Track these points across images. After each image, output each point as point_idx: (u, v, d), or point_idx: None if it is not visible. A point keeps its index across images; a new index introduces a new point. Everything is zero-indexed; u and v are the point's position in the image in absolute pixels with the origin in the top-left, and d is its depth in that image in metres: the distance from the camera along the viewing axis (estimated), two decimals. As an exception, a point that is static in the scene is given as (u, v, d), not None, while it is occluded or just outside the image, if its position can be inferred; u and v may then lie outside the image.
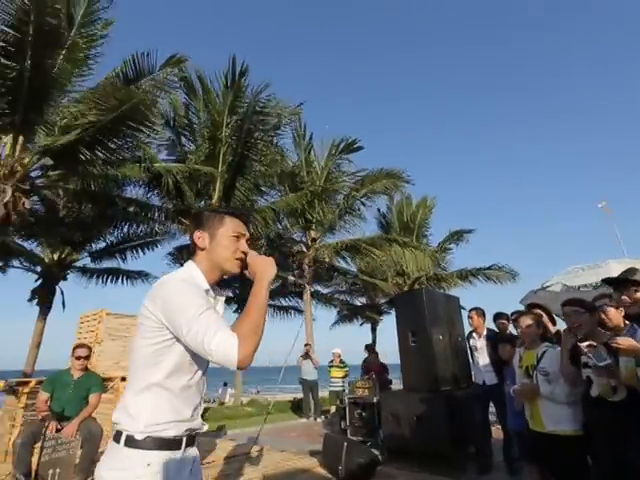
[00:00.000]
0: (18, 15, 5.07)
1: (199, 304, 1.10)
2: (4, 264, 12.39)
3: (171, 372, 1.15)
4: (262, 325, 1.11)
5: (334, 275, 14.66)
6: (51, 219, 9.11)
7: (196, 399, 1.24)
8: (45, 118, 6.27)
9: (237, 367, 1.04)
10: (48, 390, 4.03)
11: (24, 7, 5.03)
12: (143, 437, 1.10)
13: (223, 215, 1.31)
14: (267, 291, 1.18)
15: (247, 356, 1.03)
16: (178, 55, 7.01)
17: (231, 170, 9.16)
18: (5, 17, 5.18)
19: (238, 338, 1.04)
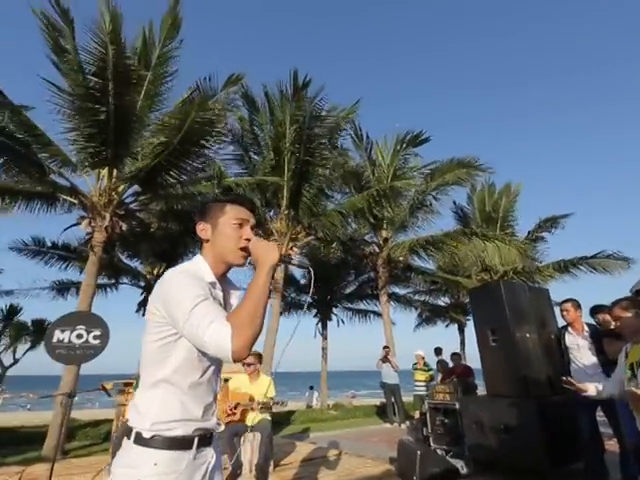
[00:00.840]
0: (99, 64, 5.90)
1: (196, 295, 1.05)
2: (115, 281, 14.39)
3: (178, 368, 1.12)
4: (260, 314, 1.03)
5: (411, 275, 14.06)
6: (146, 238, 10.28)
7: (207, 398, 1.19)
8: (130, 150, 7.14)
9: (232, 359, 0.97)
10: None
11: (103, 57, 5.83)
12: (150, 435, 1.08)
13: (224, 203, 1.27)
14: (268, 277, 1.10)
15: (242, 347, 0.97)
16: (236, 74, 7.48)
17: (296, 178, 9.40)
18: (89, 67, 6.07)
19: (232, 328, 0.98)
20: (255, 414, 4.48)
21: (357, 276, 15.61)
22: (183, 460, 1.10)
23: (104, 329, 7.05)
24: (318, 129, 9.11)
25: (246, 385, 4.65)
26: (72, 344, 6.78)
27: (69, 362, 7.03)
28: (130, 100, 6.57)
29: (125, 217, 8.27)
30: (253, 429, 4.43)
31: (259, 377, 4.75)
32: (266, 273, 1.10)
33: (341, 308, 16.97)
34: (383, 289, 11.92)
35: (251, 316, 1.00)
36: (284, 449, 5.87)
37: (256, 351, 4.93)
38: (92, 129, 6.62)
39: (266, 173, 9.14)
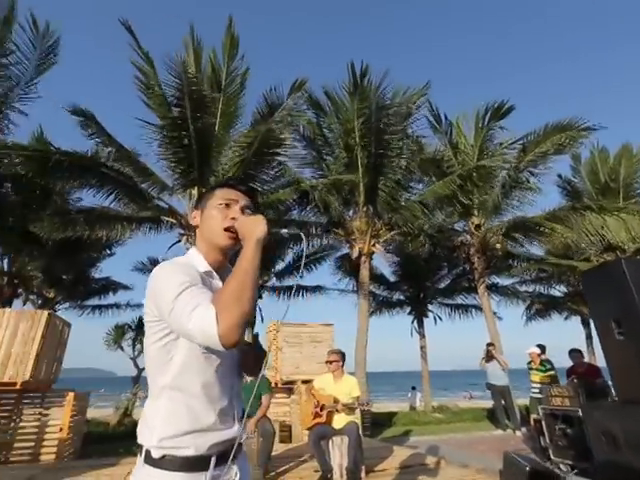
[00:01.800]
0: (177, 94, 6.54)
1: (179, 282, 0.95)
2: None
3: (183, 369, 1.00)
4: (248, 292, 0.89)
5: (513, 263, 12.56)
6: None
7: (222, 401, 1.04)
8: (212, 168, 7.75)
9: (221, 345, 0.85)
10: (231, 391, 4.72)
11: (180, 87, 6.44)
12: (160, 455, 0.96)
13: (215, 188, 1.19)
14: (255, 252, 0.96)
15: (229, 329, 0.84)
16: (299, 79, 7.58)
17: (370, 173, 9.14)
18: (171, 99, 6.76)
19: (216, 310, 0.86)
20: (341, 416, 4.37)
21: (450, 269, 14.58)
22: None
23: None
24: (387, 119, 8.71)
25: (330, 385, 4.56)
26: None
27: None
28: (207, 123, 7.13)
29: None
30: (340, 432, 4.32)
31: (343, 376, 4.62)
32: (252, 248, 0.97)
33: (437, 304, 16.04)
34: (480, 281, 10.85)
35: (236, 294, 0.88)
36: (380, 453, 5.65)
37: (338, 349, 4.82)
38: (179, 154, 7.36)
39: (340, 172, 9.08)
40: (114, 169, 7.99)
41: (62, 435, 6.44)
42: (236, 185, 1.19)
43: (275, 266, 15.37)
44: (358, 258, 9.57)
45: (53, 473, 4.97)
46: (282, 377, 7.70)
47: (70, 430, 6.62)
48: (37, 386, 6.71)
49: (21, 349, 6.39)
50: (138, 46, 6.69)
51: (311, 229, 9.77)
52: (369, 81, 8.43)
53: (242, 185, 1.20)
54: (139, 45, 6.71)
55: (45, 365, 6.91)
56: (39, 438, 6.35)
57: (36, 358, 6.43)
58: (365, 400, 4.52)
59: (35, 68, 7.69)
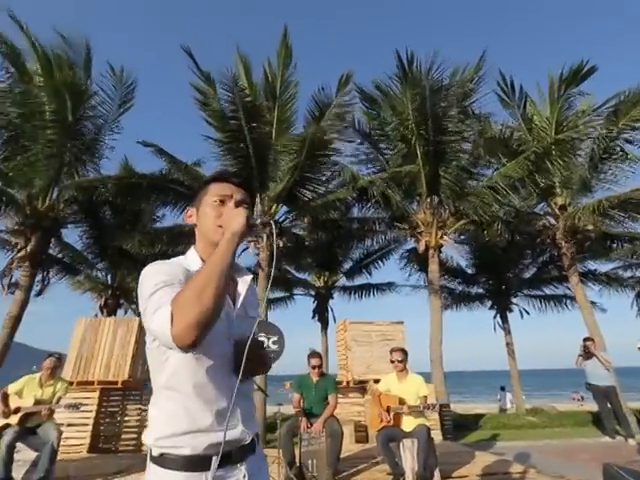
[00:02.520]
0: (232, 107, 6.89)
1: (156, 282, 0.94)
2: (290, 294, 16.35)
3: (176, 369, 0.99)
4: (211, 288, 0.84)
5: (612, 245, 10.91)
6: (304, 251, 11.30)
7: (220, 402, 1.00)
8: (270, 175, 8.02)
9: (177, 346, 0.82)
10: (298, 391, 4.78)
11: (233, 100, 6.79)
12: (158, 453, 0.97)
13: (208, 183, 1.16)
14: (228, 246, 0.93)
15: (183, 329, 0.80)
16: (345, 74, 7.49)
17: (430, 161, 8.65)
18: (226, 113, 7.16)
19: (173, 309, 0.83)
20: (410, 418, 4.17)
21: (535, 257, 13.17)
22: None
23: (280, 335, 8.04)
24: (443, 102, 8.15)
25: (395, 385, 4.39)
26: (258, 350, 8.00)
27: (258, 365, 8.30)
28: (261, 132, 7.40)
29: (280, 235, 9.29)
30: (410, 435, 4.12)
31: (408, 375, 4.41)
32: (225, 242, 0.93)
33: (523, 296, 14.62)
34: (572, 268, 9.61)
35: (197, 292, 0.83)
36: (461, 458, 5.29)
37: (400, 347, 4.62)
38: (239, 165, 7.75)
39: (398, 165, 8.75)
40: (185, 185, 8.72)
41: (158, 429, 7.16)
42: (229, 178, 1.16)
43: (343, 265, 15.41)
44: (426, 252, 9.12)
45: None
46: (354, 377, 7.64)
47: (166, 424, 7.34)
48: (135, 384, 7.57)
49: (120, 352, 7.26)
50: (197, 68, 7.20)
51: (374, 225, 9.58)
52: (418, 67, 7.96)
53: (235, 178, 1.16)
54: (198, 67, 7.23)
55: (140, 366, 7.77)
56: (140, 431, 7.14)
57: (132, 360, 7.25)
58: (432, 402, 4.23)
59: (117, 108, 8.74)
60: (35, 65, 8.18)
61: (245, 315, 1.13)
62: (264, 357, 1.13)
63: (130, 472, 4.94)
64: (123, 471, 5.00)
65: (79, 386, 6.88)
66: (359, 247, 12.88)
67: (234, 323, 1.07)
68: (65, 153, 8.85)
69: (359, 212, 9.79)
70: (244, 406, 1.07)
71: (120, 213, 11.84)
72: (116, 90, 8.18)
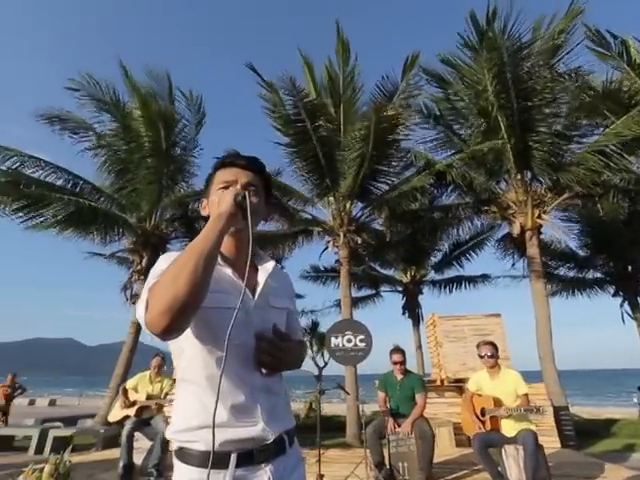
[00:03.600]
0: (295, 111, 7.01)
1: (157, 273, 0.91)
2: (377, 291, 16.07)
3: (191, 361, 0.96)
4: (186, 272, 0.77)
5: None
6: (386, 247, 10.98)
7: (236, 396, 0.94)
8: (340, 172, 7.95)
9: (154, 334, 0.77)
10: (382, 390, 4.60)
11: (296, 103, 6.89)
12: (177, 447, 0.94)
13: (214, 172, 1.10)
14: (210, 228, 0.87)
15: (154, 315, 0.75)
16: (410, 56, 7.04)
17: (516, 133, 7.61)
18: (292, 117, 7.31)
19: (149, 296, 0.79)
20: (510, 422, 3.67)
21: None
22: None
23: (367, 333, 7.93)
24: (526, 63, 7.07)
25: (487, 384, 3.91)
26: (345, 348, 7.98)
27: (347, 363, 8.27)
28: (327, 130, 7.38)
29: (358, 231, 9.16)
30: (513, 441, 3.63)
31: (501, 371, 3.88)
32: (210, 223, 0.89)
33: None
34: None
35: (172, 276, 0.78)
36: (585, 471, 4.54)
37: (488, 340, 4.10)
38: (309, 166, 7.85)
39: (478, 143, 7.92)
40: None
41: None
42: (235, 161, 1.08)
43: (430, 258, 14.62)
44: (522, 235, 8.09)
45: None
46: (447, 375, 7.13)
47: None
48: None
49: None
50: (262, 79, 7.53)
51: (457, 212, 8.84)
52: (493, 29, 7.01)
53: (240, 159, 1.08)
54: (262, 78, 7.55)
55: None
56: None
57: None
58: (535, 405, 3.66)
59: (194, 128, 9.62)
60: (134, 101, 9.40)
61: (267, 305, 1.05)
62: (289, 351, 1.04)
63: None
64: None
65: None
66: (446, 238, 12.04)
67: (253, 314, 1.01)
68: (162, 177, 10.02)
69: (440, 200, 9.14)
70: (267, 402, 0.98)
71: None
72: (190, 112, 8.96)
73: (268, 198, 1.14)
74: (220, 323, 0.94)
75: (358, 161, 7.13)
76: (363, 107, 8.70)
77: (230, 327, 0.85)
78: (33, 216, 8.29)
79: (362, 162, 7.11)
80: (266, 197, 1.12)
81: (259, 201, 1.05)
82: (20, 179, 8.48)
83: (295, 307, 1.30)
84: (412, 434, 4.11)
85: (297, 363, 1.12)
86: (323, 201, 9.03)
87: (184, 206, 9.90)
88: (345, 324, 8.33)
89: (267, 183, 1.13)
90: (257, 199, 1.04)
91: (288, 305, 1.16)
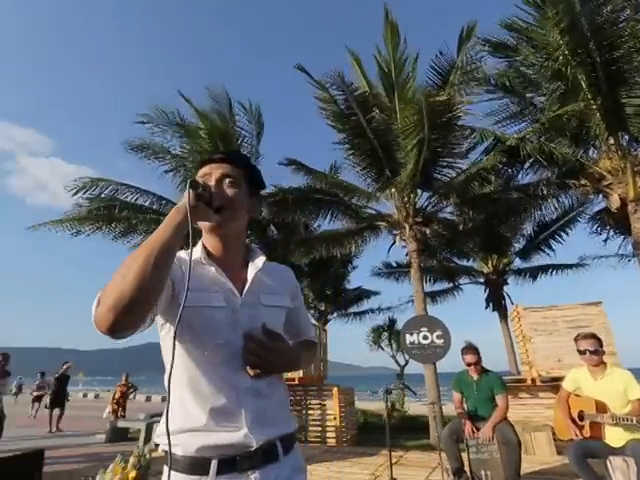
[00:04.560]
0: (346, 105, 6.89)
1: None
2: (454, 284, 15.09)
3: (175, 360, 0.91)
4: (135, 268, 0.73)
5: None
6: (459, 236, 10.26)
7: (216, 400, 0.89)
8: (399, 162, 7.61)
9: (102, 332, 0.73)
10: (457, 390, 4.26)
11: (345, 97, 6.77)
12: (162, 450, 0.90)
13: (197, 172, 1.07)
14: (167, 222, 0.82)
15: (100, 314, 0.72)
16: (465, 27, 6.44)
17: (603, 90, 6.43)
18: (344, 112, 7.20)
19: (101, 294, 0.76)
20: (618, 430, 3.09)
21: None
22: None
23: (444, 329, 7.52)
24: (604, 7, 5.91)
25: (588, 383, 3.30)
26: (422, 345, 7.65)
27: (424, 361, 7.92)
28: (380, 120, 7.13)
29: (425, 222, 8.70)
30: (620, 452, 3.06)
31: (606, 371, 3.23)
32: (167, 217, 0.83)
33: None
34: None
35: (122, 272, 0.74)
36: None
37: (591, 333, 3.44)
38: (367, 159, 7.67)
39: (555, 110, 6.92)
40: (327, 192, 9.22)
41: (336, 423, 7.61)
42: (211, 157, 1.04)
43: (513, 244, 13.31)
44: (623, 208, 6.89)
45: (328, 454, 5.90)
46: (539, 372, 6.36)
47: (342, 419, 7.76)
48: (311, 380, 8.30)
49: (293, 352, 8.09)
50: (312, 79, 7.57)
51: (537, 190, 7.85)
52: None
53: (217, 154, 1.04)
54: (312, 77, 7.60)
55: (313, 363, 8.47)
56: (323, 424, 7.75)
57: (303, 358, 7.97)
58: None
59: (255, 138, 10.04)
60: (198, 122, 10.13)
61: (258, 303, 0.99)
62: (280, 352, 0.97)
63: (309, 461, 5.36)
64: (304, 460, 5.48)
65: (267, 383, 7.97)
66: (528, 221, 10.85)
67: (240, 312, 0.95)
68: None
69: (516, 180, 8.21)
70: (254, 406, 0.91)
71: (281, 229, 13.47)
72: (250, 123, 9.36)
73: (254, 190, 1.09)
74: (200, 322, 0.91)
75: (416, 148, 6.74)
76: (418, 91, 8.24)
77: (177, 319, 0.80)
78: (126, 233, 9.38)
79: (420, 148, 6.70)
80: (251, 189, 1.07)
81: (237, 192, 1.00)
82: (115, 204, 9.69)
83: (301, 304, 1.22)
84: (494, 439, 3.73)
85: (292, 365, 1.03)
86: (386, 194, 8.75)
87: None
88: (420, 320, 7.97)
89: (251, 175, 1.08)
90: (234, 190, 0.99)
91: (285, 303, 1.09)
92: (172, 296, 0.91)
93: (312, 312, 18.64)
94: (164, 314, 0.94)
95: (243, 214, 1.04)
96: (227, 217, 0.96)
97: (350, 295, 19.35)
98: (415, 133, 6.48)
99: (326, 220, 9.76)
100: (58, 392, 9.74)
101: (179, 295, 0.91)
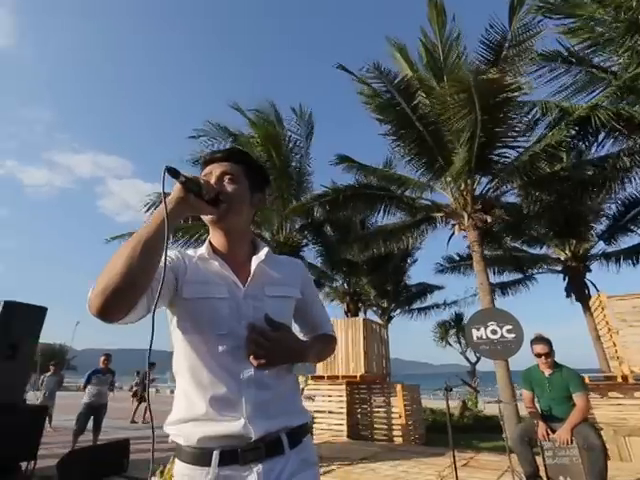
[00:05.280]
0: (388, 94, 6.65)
1: None
2: (526, 275, 13.84)
3: (177, 352, 0.97)
4: (124, 255, 0.77)
5: None
6: (526, 222, 9.44)
7: (216, 388, 0.90)
8: (449, 148, 7.19)
9: (95, 316, 0.77)
10: (527, 387, 3.91)
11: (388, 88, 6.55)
12: (171, 441, 0.94)
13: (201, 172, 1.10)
14: (156, 215, 0.84)
15: (91, 298, 0.77)
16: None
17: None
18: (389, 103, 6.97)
19: (95, 281, 0.80)
20: None
21: None
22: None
23: (514, 322, 6.96)
24: None
25: None
26: (490, 340, 7.17)
27: (495, 357, 7.39)
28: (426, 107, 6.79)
29: (485, 209, 8.13)
30: None
31: None
32: (157, 210, 0.85)
33: None
34: None
35: (113, 261, 0.78)
36: None
37: None
38: (416, 148, 7.37)
39: (634, 69, 5.98)
40: (378, 187, 9.05)
41: (402, 421, 7.43)
42: (211, 157, 1.07)
43: (595, 227, 11.89)
44: None
45: (391, 453, 5.78)
46: (632, 369, 5.59)
47: (408, 417, 7.55)
48: (374, 378, 8.19)
49: (353, 349, 8.06)
50: (353, 75, 7.46)
51: (618, 162, 6.87)
52: None
53: (217, 153, 1.07)
54: (353, 74, 7.48)
55: (375, 360, 8.35)
56: (388, 422, 7.61)
57: (365, 355, 7.90)
58: None
59: (305, 140, 10.19)
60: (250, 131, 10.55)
61: (262, 294, 1.00)
62: (283, 342, 0.96)
63: (374, 459, 5.29)
64: (368, 457, 5.41)
65: (329, 380, 8.05)
66: (610, 198, 9.62)
67: (244, 303, 0.97)
68: (284, 192, 10.90)
69: (588, 153, 7.28)
70: (256, 397, 0.91)
71: (337, 228, 13.49)
72: (300, 127, 9.50)
73: (257, 185, 1.10)
74: (201, 314, 0.94)
75: (468, 130, 6.29)
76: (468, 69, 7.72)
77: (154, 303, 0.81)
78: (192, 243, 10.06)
79: (473, 131, 6.24)
80: (253, 185, 1.09)
81: (236, 188, 1.02)
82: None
83: (315, 296, 1.19)
84: (573, 443, 3.36)
85: (297, 356, 1.00)
86: (440, 183, 8.33)
87: (305, 213, 10.50)
88: (487, 314, 7.43)
89: (252, 172, 1.09)
90: (234, 186, 1.02)
91: (292, 293, 1.08)
92: (175, 290, 0.95)
93: (374, 309, 18.40)
94: (169, 307, 0.98)
95: (245, 208, 1.06)
96: (227, 210, 0.98)
97: (412, 290, 18.80)
98: (465, 114, 6.06)
99: (380, 215, 9.55)
100: (143, 389, 11.14)
101: (182, 289, 0.95)
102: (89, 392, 6.42)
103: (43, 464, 4.73)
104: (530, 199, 8.53)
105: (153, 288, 0.85)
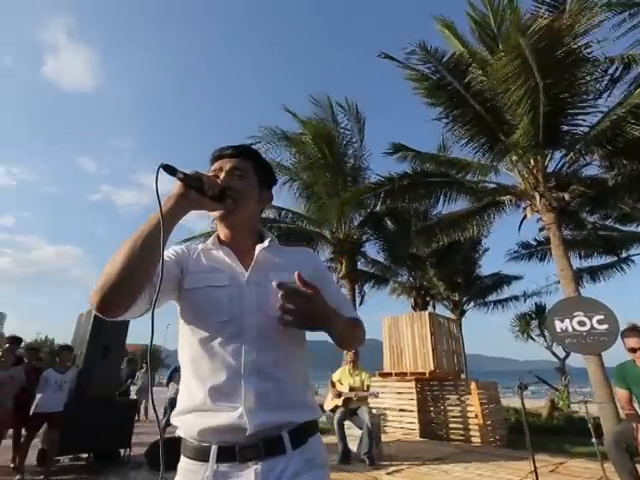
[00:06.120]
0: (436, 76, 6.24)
1: None
2: (620, 257, 12.08)
3: (181, 343, 0.97)
4: (124, 252, 0.78)
5: None
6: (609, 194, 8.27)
7: (219, 377, 0.87)
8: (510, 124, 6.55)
9: (97, 313, 0.79)
10: (621, 385, 3.41)
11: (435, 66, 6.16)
12: (177, 435, 0.92)
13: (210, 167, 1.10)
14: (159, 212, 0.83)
15: (92, 293, 0.78)
16: None
17: None
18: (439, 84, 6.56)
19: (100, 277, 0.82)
20: None
21: None
22: (197, 476, 0.85)
23: (606, 311, 6.18)
24: None
25: None
26: (578, 332, 6.41)
27: (584, 352, 6.66)
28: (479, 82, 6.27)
29: (560, 187, 7.31)
30: None
31: None
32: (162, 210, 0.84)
33: None
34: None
35: (114, 257, 0.80)
36: None
37: None
38: (473, 128, 6.86)
39: None
40: (436, 174, 8.62)
41: (479, 421, 6.94)
42: (220, 153, 1.06)
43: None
44: None
45: (467, 454, 5.44)
46: None
47: (485, 417, 7.03)
48: (445, 375, 7.76)
49: (420, 345, 7.73)
50: (398, 62, 7.16)
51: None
52: None
53: (226, 149, 1.07)
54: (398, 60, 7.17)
55: (445, 356, 7.92)
56: (464, 421, 7.17)
57: (433, 351, 7.52)
58: None
59: (358, 134, 10.08)
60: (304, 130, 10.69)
61: (266, 281, 0.96)
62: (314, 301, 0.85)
63: (449, 460, 5.02)
64: (442, 458, 5.14)
65: (397, 377, 7.83)
66: None
67: (247, 289, 0.95)
68: (339, 189, 10.88)
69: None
70: (256, 387, 0.86)
71: (397, 221, 13.11)
72: (350, 122, 9.40)
73: (265, 183, 1.11)
74: (202, 302, 0.94)
75: (528, 99, 5.64)
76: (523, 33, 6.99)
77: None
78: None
79: (535, 99, 5.59)
80: (262, 181, 1.09)
81: (245, 183, 1.02)
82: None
83: (330, 283, 1.10)
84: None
85: (325, 320, 0.88)
86: (506, 162, 7.65)
87: (363, 207, 10.33)
88: (571, 303, 6.69)
89: (261, 168, 1.09)
90: (243, 182, 1.02)
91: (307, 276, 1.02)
92: (182, 283, 0.97)
93: (445, 303, 17.49)
94: (177, 301, 0.99)
95: (252, 204, 1.06)
96: (234, 206, 0.98)
97: (486, 282, 17.56)
98: (524, 81, 5.44)
99: (440, 204, 9.07)
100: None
101: (184, 281, 0.97)
102: (172, 388, 7.04)
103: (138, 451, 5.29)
104: (619, 170, 7.46)
105: (155, 284, 0.84)
